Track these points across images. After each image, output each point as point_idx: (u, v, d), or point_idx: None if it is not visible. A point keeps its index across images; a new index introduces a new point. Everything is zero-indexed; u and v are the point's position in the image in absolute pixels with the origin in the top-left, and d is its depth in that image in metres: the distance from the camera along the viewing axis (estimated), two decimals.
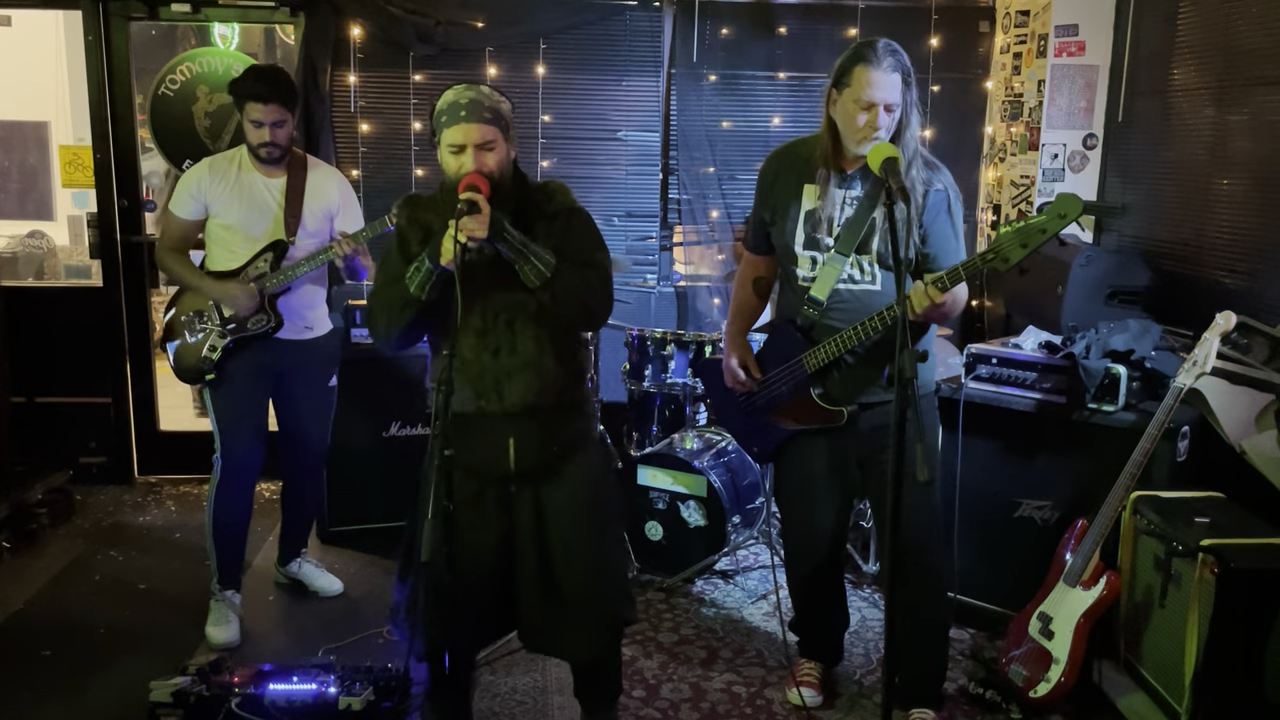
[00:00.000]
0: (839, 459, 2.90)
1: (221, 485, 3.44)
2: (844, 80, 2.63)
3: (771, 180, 2.90)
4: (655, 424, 4.47)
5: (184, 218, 3.42)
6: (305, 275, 3.42)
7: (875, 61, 2.58)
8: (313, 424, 3.63)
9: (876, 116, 2.60)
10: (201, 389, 3.49)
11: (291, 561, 3.83)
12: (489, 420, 2.48)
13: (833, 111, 2.69)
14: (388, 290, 2.48)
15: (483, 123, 2.37)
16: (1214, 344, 2.85)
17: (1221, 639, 2.64)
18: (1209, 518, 2.85)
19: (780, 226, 2.86)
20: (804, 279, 2.82)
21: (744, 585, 3.92)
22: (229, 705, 2.76)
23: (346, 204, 3.54)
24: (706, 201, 5.11)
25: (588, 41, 4.96)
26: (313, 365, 3.57)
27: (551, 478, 2.56)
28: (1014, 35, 4.82)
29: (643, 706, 3.08)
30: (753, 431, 3.07)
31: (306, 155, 3.53)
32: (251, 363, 3.43)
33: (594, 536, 2.60)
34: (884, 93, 2.59)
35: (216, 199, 3.38)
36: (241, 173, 3.40)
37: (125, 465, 5.01)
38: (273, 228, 3.40)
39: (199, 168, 3.43)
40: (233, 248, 3.40)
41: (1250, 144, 3.61)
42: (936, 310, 2.61)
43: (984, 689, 3.10)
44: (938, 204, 2.71)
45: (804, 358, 2.81)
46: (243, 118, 3.34)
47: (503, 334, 2.46)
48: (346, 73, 4.80)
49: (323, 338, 3.61)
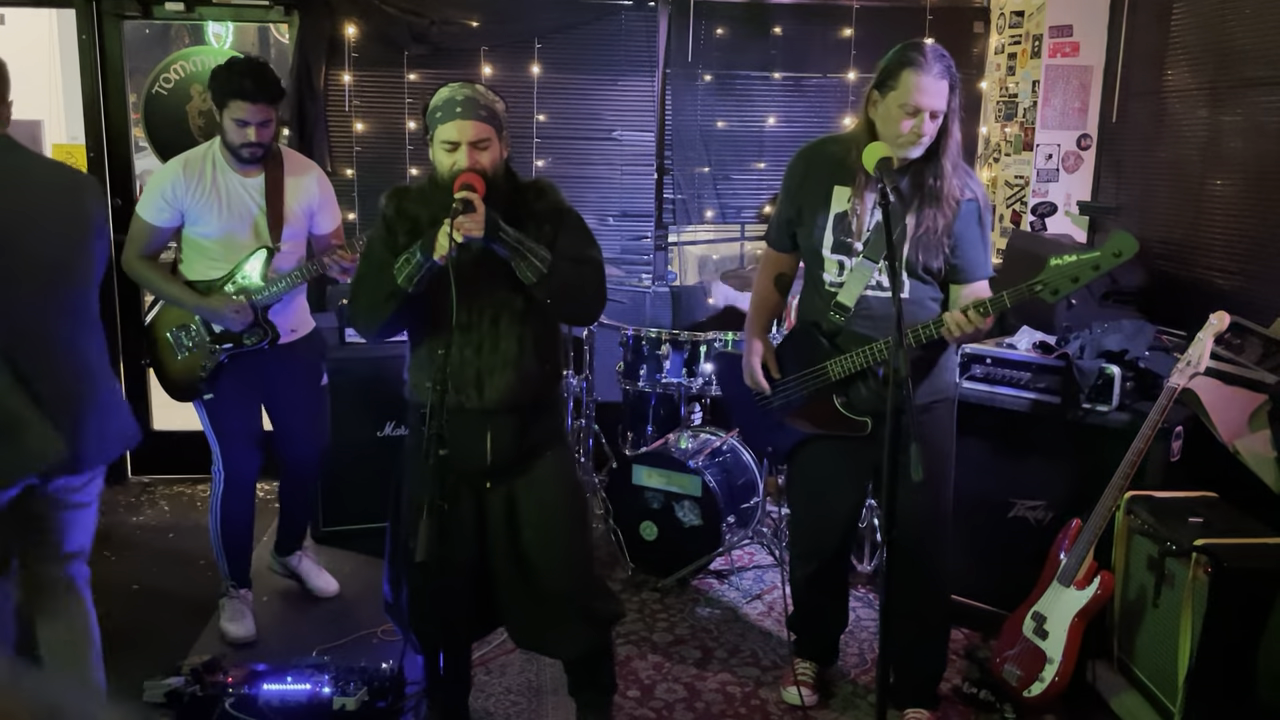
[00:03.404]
0: (855, 463, 2.85)
1: (225, 496, 3.41)
2: (889, 83, 2.56)
3: (800, 179, 2.82)
4: (650, 424, 4.47)
5: (157, 225, 3.19)
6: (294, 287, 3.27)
7: (925, 67, 2.51)
8: (309, 424, 3.55)
9: (922, 124, 2.54)
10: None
11: (291, 555, 3.77)
12: (467, 415, 2.49)
13: (873, 113, 2.62)
14: (372, 280, 2.48)
15: (478, 120, 2.38)
16: (1207, 344, 2.85)
17: (1215, 638, 2.64)
18: (1202, 517, 2.86)
19: (808, 228, 2.79)
20: (831, 284, 2.76)
21: (739, 585, 3.92)
22: (223, 705, 2.76)
23: (325, 199, 3.39)
24: (701, 201, 5.11)
25: (583, 41, 4.96)
26: (301, 366, 3.47)
27: (525, 474, 2.58)
28: (1008, 36, 4.83)
29: (637, 706, 3.08)
30: (768, 431, 3.00)
31: (281, 149, 3.31)
32: (242, 374, 3.32)
33: (569, 535, 2.62)
34: (931, 99, 2.52)
35: (193, 206, 3.16)
36: (218, 175, 3.18)
37: (119, 465, 4.99)
38: (255, 234, 3.23)
39: (171, 170, 3.18)
40: (213, 255, 3.23)
41: (1244, 144, 3.62)
42: (976, 334, 2.58)
43: (978, 689, 3.10)
44: (969, 213, 2.66)
45: (828, 365, 2.74)
46: (222, 115, 3.10)
47: (486, 331, 2.47)
48: (341, 72, 4.79)
49: (307, 338, 3.50)
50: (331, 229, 3.44)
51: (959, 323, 2.51)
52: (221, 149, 3.20)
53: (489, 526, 2.59)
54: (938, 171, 2.61)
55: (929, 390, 2.77)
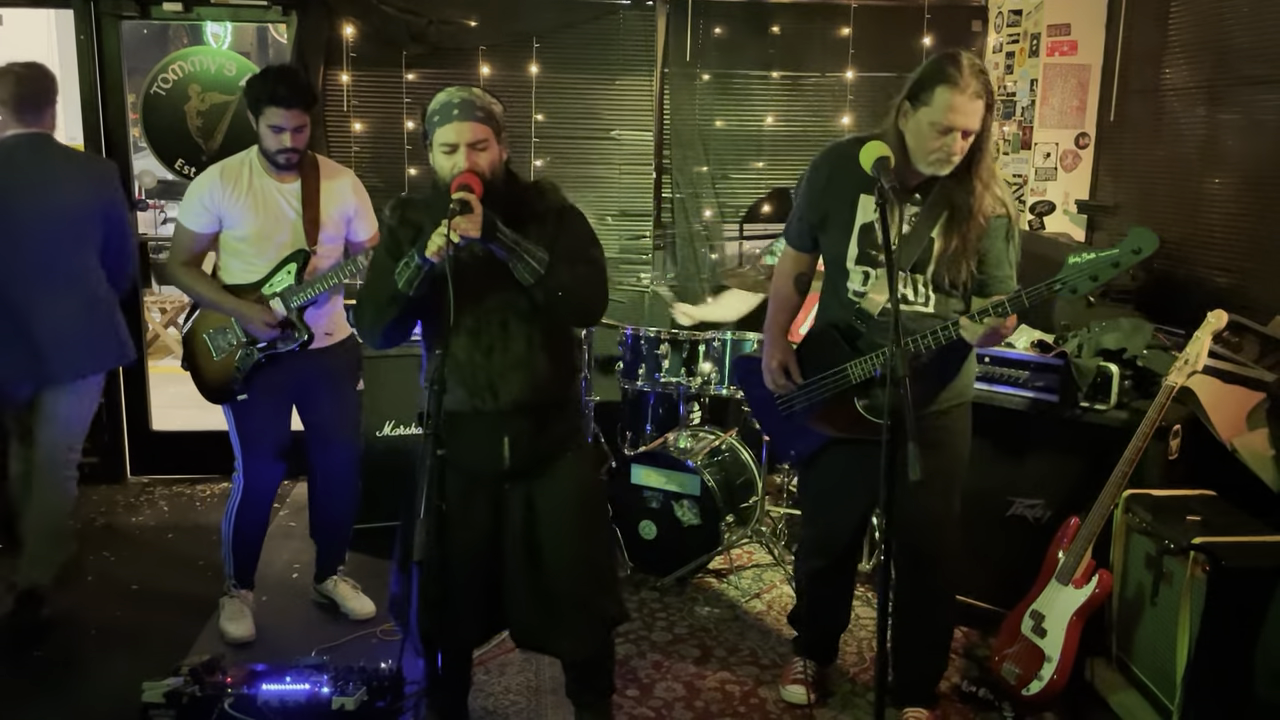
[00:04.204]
0: (868, 468, 2.79)
1: (242, 504, 3.40)
2: (922, 98, 2.49)
3: (824, 183, 2.75)
4: (649, 423, 4.47)
5: (196, 230, 3.24)
6: (330, 288, 3.26)
7: (961, 86, 2.44)
8: (344, 431, 3.51)
9: (955, 142, 2.49)
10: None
11: (327, 580, 3.66)
12: (483, 419, 2.49)
13: (903, 125, 2.55)
14: (375, 285, 2.49)
15: (475, 121, 2.38)
16: (1205, 342, 2.85)
17: (1213, 636, 2.65)
18: (1200, 516, 2.86)
19: (832, 236, 2.74)
20: (855, 293, 2.72)
21: (738, 584, 3.92)
22: (222, 705, 2.75)
23: (362, 205, 3.40)
24: (700, 200, 5.11)
25: (581, 40, 4.96)
26: (337, 372, 3.45)
27: (543, 475, 2.57)
28: (1006, 34, 4.83)
29: (636, 705, 3.09)
30: (791, 434, 2.97)
31: (317, 156, 3.36)
32: (275, 379, 3.31)
33: (583, 535, 2.62)
34: (966, 119, 2.46)
35: (231, 210, 3.20)
36: (255, 180, 3.22)
37: (117, 465, 4.99)
38: (292, 237, 3.24)
39: (209, 176, 3.23)
40: (250, 260, 3.25)
41: (1241, 142, 3.62)
42: (995, 335, 2.50)
43: (977, 687, 3.11)
44: (998, 228, 2.62)
45: (849, 367, 2.70)
46: (259, 122, 3.14)
47: (495, 333, 2.47)
48: (339, 72, 4.79)
49: (343, 343, 3.48)
50: (369, 236, 3.42)
51: (972, 327, 2.45)
52: (258, 156, 3.24)
53: (506, 528, 2.58)
54: (970, 188, 2.57)
55: (949, 395, 2.75)
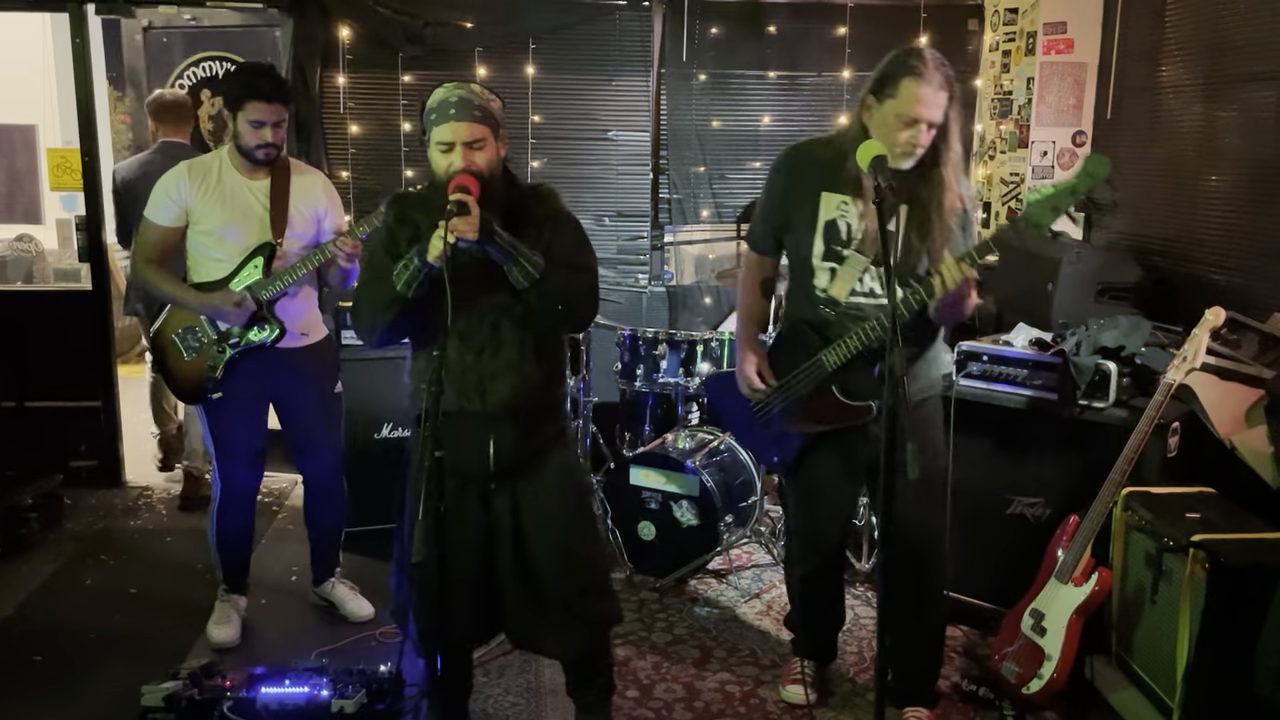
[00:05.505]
0: (850, 462, 2.83)
1: (222, 507, 3.39)
2: (887, 91, 2.51)
3: (785, 184, 2.78)
4: (647, 424, 4.47)
5: (162, 224, 3.23)
6: (300, 278, 3.26)
7: (925, 77, 2.47)
8: (324, 433, 3.49)
9: (920, 134, 2.51)
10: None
11: (325, 582, 3.65)
12: (470, 419, 2.48)
13: (867, 119, 2.57)
14: (373, 286, 2.48)
15: (472, 121, 2.37)
16: (1204, 340, 2.85)
17: (1213, 634, 2.64)
18: (1200, 513, 2.86)
19: (795, 236, 2.75)
20: (821, 289, 2.73)
21: (737, 585, 3.92)
22: (221, 709, 2.75)
23: (333, 205, 3.41)
24: (697, 201, 5.11)
25: (577, 41, 4.97)
26: (314, 373, 3.44)
27: (529, 477, 2.57)
28: (1003, 33, 4.83)
29: (636, 706, 3.08)
30: (771, 441, 2.96)
31: (288, 157, 3.36)
32: (250, 380, 3.30)
33: (571, 536, 2.62)
34: (930, 111, 2.49)
35: (198, 203, 3.20)
36: (224, 175, 3.23)
37: (116, 469, 4.99)
38: (259, 231, 3.23)
39: (177, 171, 3.23)
40: (217, 256, 3.23)
41: (1238, 140, 3.62)
42: (960, 303, 2.51)
43: (977, 686, 3.11)
44: (955, 223, 2.64)
45: (823, 355, 2.71)
46: (238, 118, 3.14)
47: (487, 336, 2.47)
48: (335, 74, 4.79)
49: (319, 344, 3.47)
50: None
51: (951, 268, 2.45)
52: (232, 153, 3.24)
53: (494, 529, 2.59)
54: (938, 181, 2.58)
55: (920, 388, 2.77)
